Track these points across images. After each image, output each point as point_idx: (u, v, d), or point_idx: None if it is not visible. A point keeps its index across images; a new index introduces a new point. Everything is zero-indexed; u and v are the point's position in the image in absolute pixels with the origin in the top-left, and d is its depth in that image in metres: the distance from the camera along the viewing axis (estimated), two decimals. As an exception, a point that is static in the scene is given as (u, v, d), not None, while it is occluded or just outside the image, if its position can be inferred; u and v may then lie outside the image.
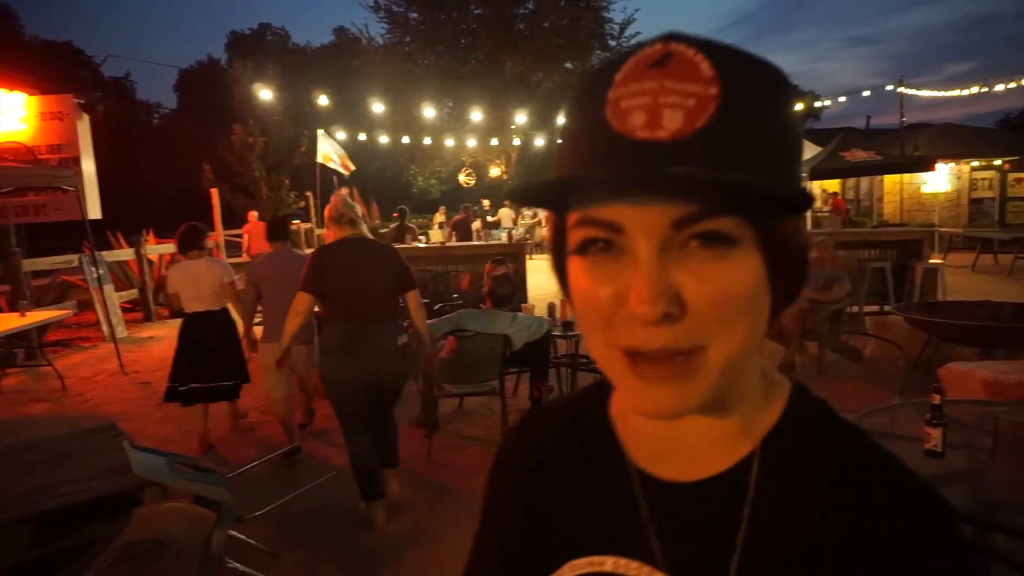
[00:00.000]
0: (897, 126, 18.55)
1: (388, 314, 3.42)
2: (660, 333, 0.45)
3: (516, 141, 23.50)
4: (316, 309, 3.53)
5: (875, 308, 8.16)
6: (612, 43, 24.09)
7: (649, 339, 0.45)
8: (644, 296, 0.44)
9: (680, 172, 0.42)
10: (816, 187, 17.20)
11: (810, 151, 15.06)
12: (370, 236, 3.58)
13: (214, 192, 13.63)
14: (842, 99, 20.19)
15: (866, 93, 18.31)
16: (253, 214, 13.70)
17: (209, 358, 4.63)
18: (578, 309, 0.50)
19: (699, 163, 0.42)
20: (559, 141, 0.53)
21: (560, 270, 0.53)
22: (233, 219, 17.15)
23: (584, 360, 4.82)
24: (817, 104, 28.00)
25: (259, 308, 4.58)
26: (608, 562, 0.55)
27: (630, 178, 0.44)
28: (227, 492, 2.58)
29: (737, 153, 0.43)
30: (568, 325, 4.92)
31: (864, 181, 19.33)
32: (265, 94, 15.90)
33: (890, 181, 18.61)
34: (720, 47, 0.46)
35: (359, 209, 3.59)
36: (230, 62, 31.93)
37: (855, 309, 7.71)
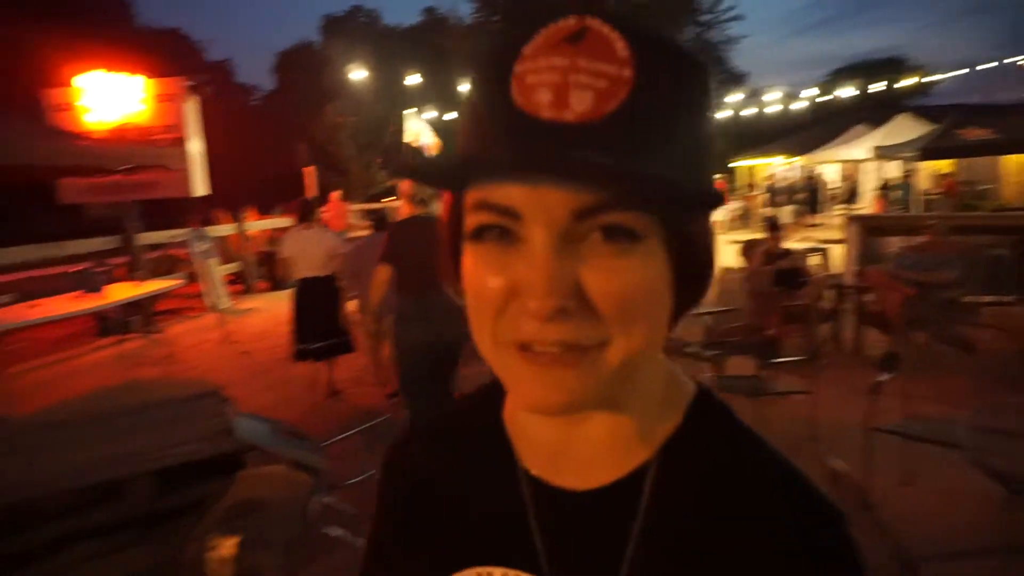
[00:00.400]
0: (1019, 102, 17.13)
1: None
2: (554, 328, 0.42)
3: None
4: None
5: (993, 298, 7.60)
6: (705, 16, 23.31)
7: (542, 333, 0.42)
8: (538, 289, 0.41)
9: (583, 159, 0.39)
10: (927, 168, 16.15)
11: (921, 129, 14.10)
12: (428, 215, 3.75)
13: (309, 171, 14.12)
14: (957, 73, 18.83)
15: (984, 66, 17.00)
16: (335, 194, 14.11)
17: (319, 319, 4.99)
18: (468, 300, 0.46)
19: (605, 150, 0.40)
20: (459, 114, 0.49)
21: (454, 255, 0.49)
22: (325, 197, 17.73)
23: (676, 343, 4.71)
24: (926, 79, 26.24)
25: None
26: (496, 573, 0.53)
27: (528, 161, 0.41)
28: (323, 459, 2.67)
29: (646, 143, 0.41)
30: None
31: (981, 161, 18.01)
32: (356, 75, 16.26)
33: (1011, 161, 17.24)
34: (638, 28, 0.42)
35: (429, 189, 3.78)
36: (323, 44, 32.82)
37: (970, 299, 7.21)
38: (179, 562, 2.30)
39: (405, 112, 13.56)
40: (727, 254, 8.08)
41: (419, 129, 13.35)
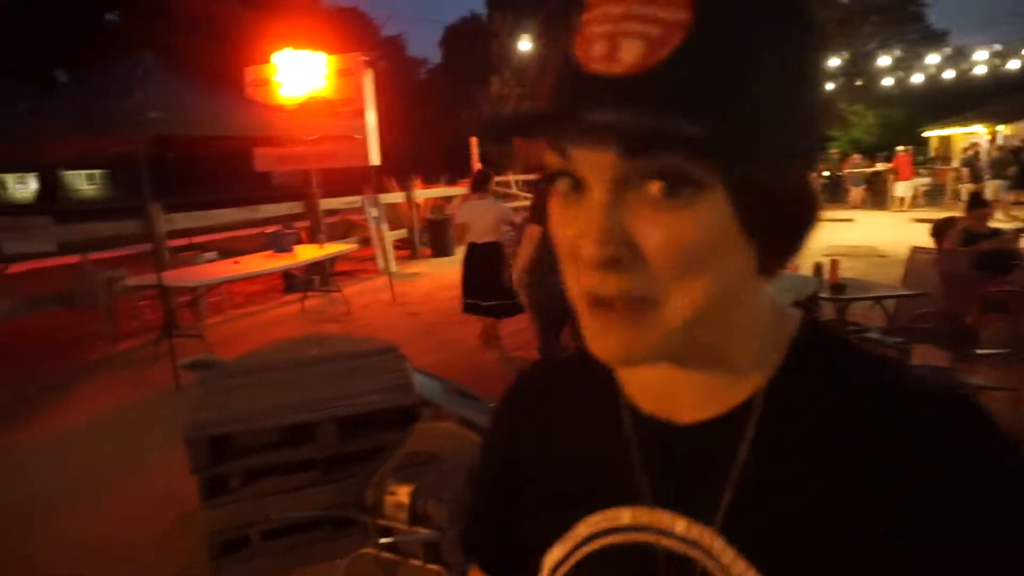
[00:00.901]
0: None
1: None
2: (612, 279, 0.42)
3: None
4: None
5: None
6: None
7: (602, 283, 0.43)
8: (590, 238, 0.42)
9: (594, 119, 0.38)
10: None
11: None
12: None
13: (473, 141, 14.52)
14: None
15: None
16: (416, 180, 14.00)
17: (483, 280, 5.39)
18: (554, 243, 0.47)
19: (648, 103, 0.38)
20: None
21: (543, 203, 0.50)
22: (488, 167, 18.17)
23: (854, 327, 4.39)
24: None
25: None
26: (626, 515, 0.53)
27: (566, 119, 0.41)
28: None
29: (700, 93, 0.38)
30: (838, 288, 4.49)
31: None
32: (522, 46, 16.39)
33: None
34: None
35: None
36: (490, 17, 33.35)
37: None
38: (358, 504, 2.49)
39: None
40: (914, 233, 7.33)
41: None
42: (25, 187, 39.90)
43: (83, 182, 42.61)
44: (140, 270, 7.29)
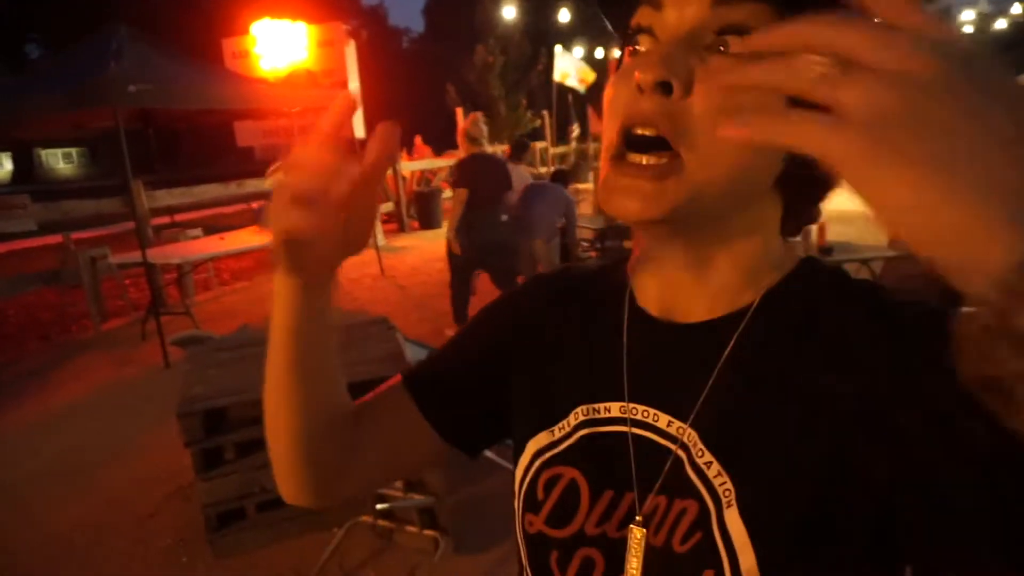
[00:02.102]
0: None
1: (502, 203, 4.91)
2: (651, 100, 0.44)
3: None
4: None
5: None
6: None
7: (637, 104, 0.45)
8: (648, 61, 0.44)
9: None
10: None
11: None
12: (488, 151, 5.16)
13: (459, 111, 14.37)
14: None
15: None
16: (419, 138, 14.05)
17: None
18: (605, 107, 0.50)
19: None
20: None
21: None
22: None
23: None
24: None
25: None
26: (614, 408, 0.56)
27: None
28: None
29: None
30: (824, 250, 4.52)
31: None
32: (507, 12, 16.17)
33: None
34: None
35: (483, 129, 5.04)
36: (473, -17, 32.83)
37: None
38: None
39: (557, 49, 13.37)
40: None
41: (567, 66, 13.13)
42: (0, 167, 39.22)
43: (60, 160, 41.90)
44: (124, 249, 7.21)
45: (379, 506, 2.39)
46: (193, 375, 3.04)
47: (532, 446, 0.61)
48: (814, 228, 4.87)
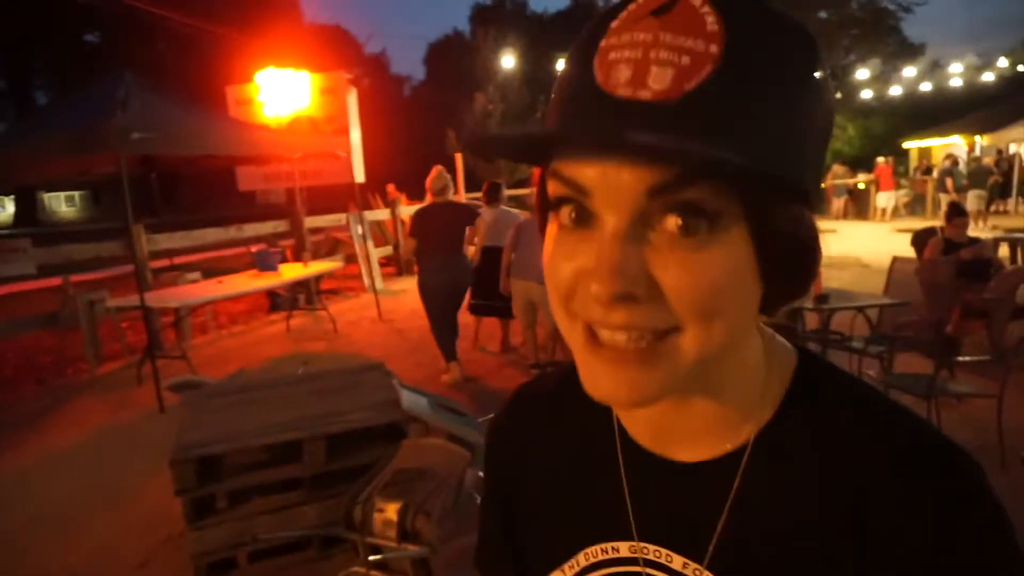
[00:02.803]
0: None
1: (458, 247, 5.31)
2: (620, 314, 0.41)
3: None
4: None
5: None
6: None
7: (608, 317, 0.41)
8: (602, 272, 0.40)
9: (638, 139, 0.37)
10: None
11: None
12: (452, 199, 5.53)
13: (458, 157, 14.57)
14: None
15: None
16: (391, 186, 13.62)
17: (491, 282, 5.52)
18: (546, 277, 0.46)
19: (677, 130, 0.37)
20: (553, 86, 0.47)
21: (543, 227, 0.48)
22: (474, 183, 18.23)
23: (838, 336, 4.43)
24: None
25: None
26: (623, 548, 0.53)
27: (592, 138, 0.39)
28: (480, 434, 2.76)
29: (726, 124, 0.38)
30: (822, 298, 4.53)
31: None
32: (505, 61, 16.50)
33: None
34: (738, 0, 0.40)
35: (447, 180, 5.45)
36: (473, 33, 33.62)
37: None
38: (346, 522, 2.47)
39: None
40: (896, 243, 7.40)
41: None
42: (3, 210, 39.48)
43: (63, 203, 42.22)
44: (122, 291, 7.22)
45: (372, 557, 2.36)
46: (187, 421, 3.03)
47: None
48: (809, 275, 4.90)
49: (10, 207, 38.67)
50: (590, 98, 0.41)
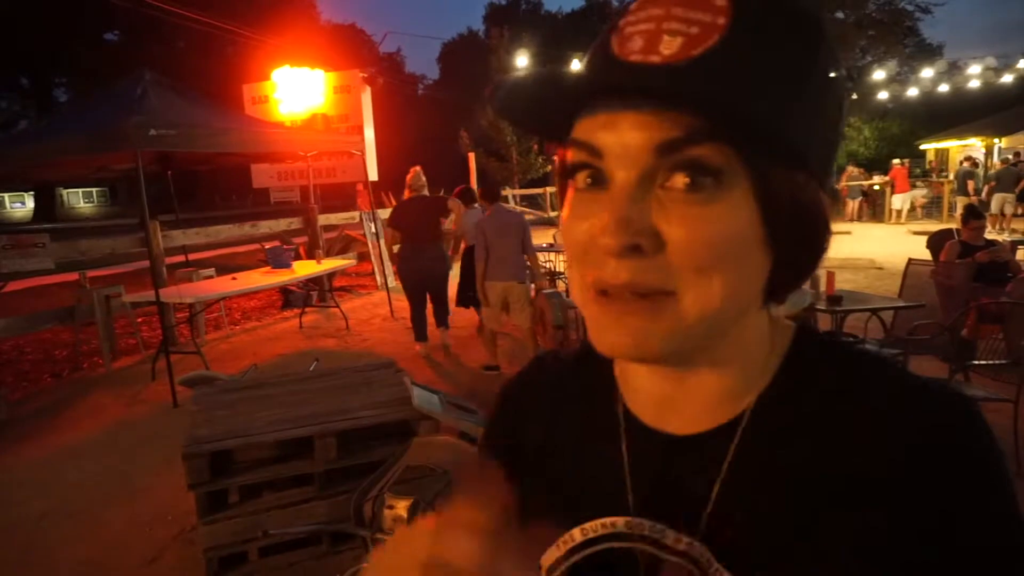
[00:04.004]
0: None
1: (433, 236, 5.97)
2: (627, 266, 0.43)
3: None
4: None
5: None
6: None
7: (615, 272, 0.43)
8: (610, 225, 0.42)
9: (646, 80, 0.40)
10: None
11: None
12: (426, 194, 6.18)
13: (471, 156, 14.61)
14: None
15: None
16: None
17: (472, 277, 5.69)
18: (563, 242, 0.48)
19: (684, 86, 0.40)
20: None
21: (563, 198, 0.50)
22: (486, 182, 18.30)
23: (851, 339, 4.39)
24: None
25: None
26: (620, 523, 0.54)
27: (607, 80, 0.43)
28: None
29: (730, 85, 0.40)
30: (834, 299, 4.50)
31: None
32: (519, 61, 16.51)
33: None
34: None
35: (423, 180, 6.15)
36: (487, 33, 33.65)
37: None
38: (356, 518, 2.48)
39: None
40: (911, 245, 7.32)
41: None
42: (23, 205, 39.96)
43: (81, 200, 42.68)
44: (138, 287, 7.29)
45: (382, 553, 2.37)
46: (200, 416, 3.06)
47: (543, 562, 0.58)
48: (823, 275, 4.87)
49: (29, 203, 39.14)
50: (606, 65, 0.44)
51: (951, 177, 17.16)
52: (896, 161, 17.98)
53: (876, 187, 18.19)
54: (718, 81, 0.40)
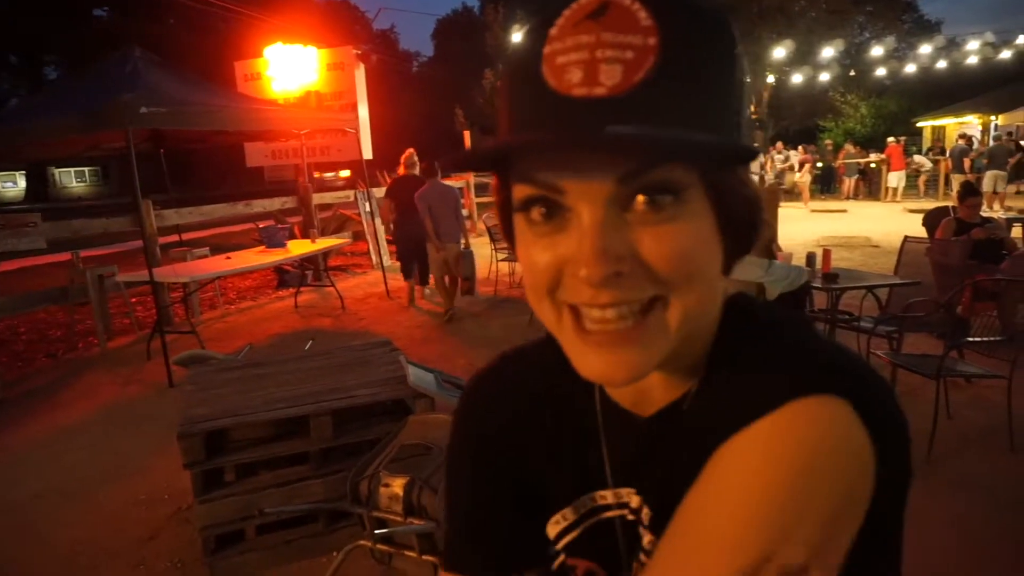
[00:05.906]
0: None
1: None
2: (607, 291, 0.44)
3: (770, 78, 21.74)
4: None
5: None
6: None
7: (597, 297, 0.44)
8: (590, 258, 0.43)
9: (617, 132, 0.40)
10: None
11: None
12: (416, 174, 7.09)
13: (466, 134, 14.51)
14: None
15: None
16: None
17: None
18: (523, 271, 0.49)
19: (638, 119, 0.41)
20: (497, 100, 0.51)
21: (508, 230, 0.52)
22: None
23: (847, 316, 4.40)
24: None
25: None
26: (609, 495, 0.58)
27: (569, 141, 0.42)
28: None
29: (677, 105, 0.42)
30: (830, 277, 4.50)
31: None
32: (515, 37, 16.35)
33: None
34: None
35: (415, 159, 7.24)
36: (482, 9, 33.27)
37: None
38: (353, 496, 2.49)
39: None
40: (907, 223, 7.31)
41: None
42: (15, 185, 39.64)
43: (73, 179, 42.33)
44: (132, 267, 7.25)
45: (378, 531, 2.37)
46: (195, 395, 3.05)
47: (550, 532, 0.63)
48: (819, 253, 4.87)
49: (21, 182, 38.81)
50: (547, 102, 0.43)
51: (946, 155, 17.11)
52: (891, 139, 17.92)
53: (872, 165, 18.15)
54: (667, 108, 0.42)
